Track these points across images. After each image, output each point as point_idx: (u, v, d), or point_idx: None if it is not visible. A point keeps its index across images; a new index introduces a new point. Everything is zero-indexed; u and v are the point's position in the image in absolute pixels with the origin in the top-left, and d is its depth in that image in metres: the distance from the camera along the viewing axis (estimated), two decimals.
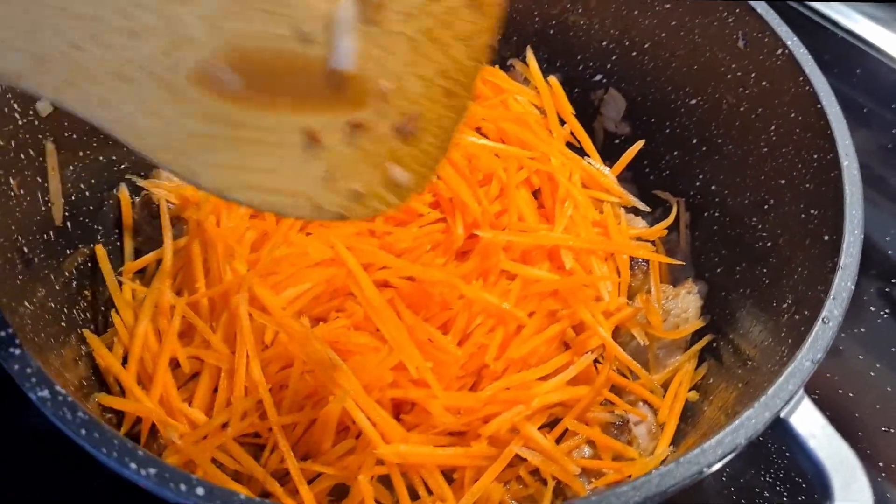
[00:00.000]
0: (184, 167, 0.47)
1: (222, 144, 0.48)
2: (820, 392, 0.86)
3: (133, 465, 0.50)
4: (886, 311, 0.96)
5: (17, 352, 0.54)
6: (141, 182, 0.86)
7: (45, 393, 0.53)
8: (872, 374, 0.91)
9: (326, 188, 0.51)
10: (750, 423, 0.56)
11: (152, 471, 0.50)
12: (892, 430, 0.87)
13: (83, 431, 0.51)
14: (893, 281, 0.99)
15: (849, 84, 1.14)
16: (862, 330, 0.94)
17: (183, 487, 0.49)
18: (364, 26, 0.49)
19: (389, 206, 0.54)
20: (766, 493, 0.82)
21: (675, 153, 0.95)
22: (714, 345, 0.83)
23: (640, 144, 0.95)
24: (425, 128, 0.54)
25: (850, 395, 0.89)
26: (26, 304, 0.64)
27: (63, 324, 0.71)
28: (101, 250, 0.80)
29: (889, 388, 0.90)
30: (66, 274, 0.75)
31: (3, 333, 0.55)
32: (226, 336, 0.74)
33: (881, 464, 0.84)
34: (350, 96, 0.51)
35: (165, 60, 0.45)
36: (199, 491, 0.49)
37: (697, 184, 0.92)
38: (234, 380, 0.71)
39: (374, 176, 0.53)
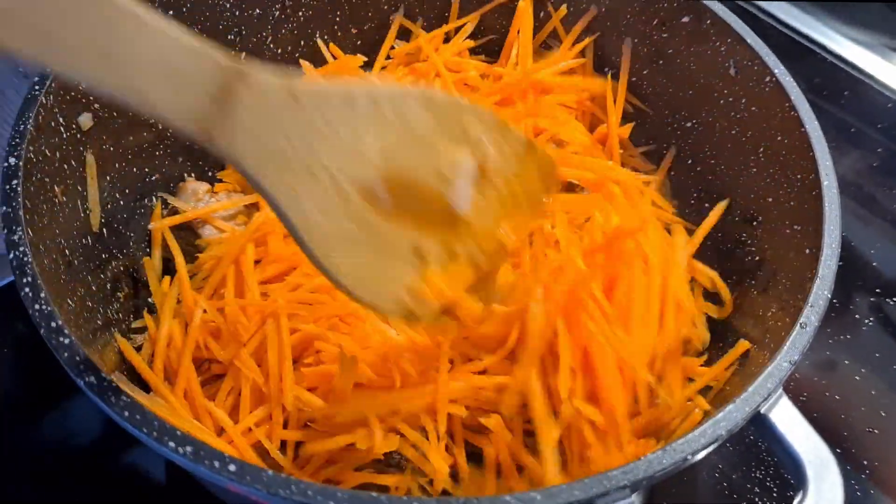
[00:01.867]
0: (331, 263, 0.59)
1: (360, 248, 0.60)
2: (808, 395, 0.92)
3: (171, 444, 0.55)
4: (871, 319, 1.01)
5: (67, 341, 0.60)
6: (170, 199, 0.92)
7: (92, 379, 0.58)
8: (858, 378, 0.96)
9: (412, 298, 0.64)
10: (731, 416, 0.61)
11: (189, 449, 0.55)
12: (876, 431, 0.92)
13: (126, 413, 0.57)
14: (879, 291, 1.05)
15: (837, 106, 1.20)
16: (848, 337, 0.99)
17: (216, 464, 0.55)
18: (480, 182, 0.64)
19: (446, 329, 0.71)
20: (757, 489, 0.87)
21: (673, 173, 1.01)
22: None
23: (672, 152, 1.01)
24: (494, 272, 0.69)
25: (837, 397, 0.94)
26: (69, 301, 0.70)
27: (99, 321, 0.77)
28: (148, 262, 0.87)
29: (873, 392, 0.95)
30: (101, 277, 0.80)
31: (53, 324, 0.61)
32: (255, 350, 0.79)
33: (865, 462, 0.89)
34: (454, 230, 0.64)
35: (343, 167, 0.57)
36: (232, 467, 0.54)
37: (692, 202, 0.98)
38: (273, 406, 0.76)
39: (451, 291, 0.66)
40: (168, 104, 0.47)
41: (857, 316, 1.02)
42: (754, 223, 0.87)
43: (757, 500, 0.87)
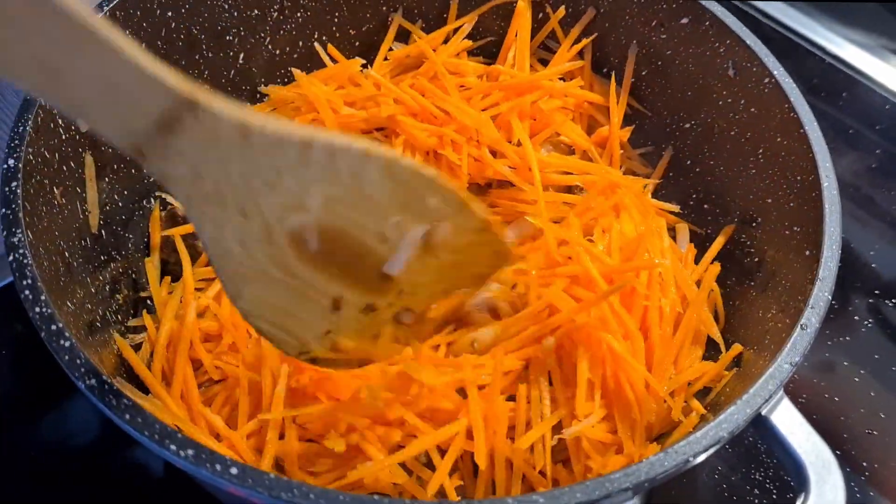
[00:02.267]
0: (234, 287, 0.57)
1: (273, 285, 0.58)
2: (807, 397, 0.93)
3: (173, 447, 0.55)
4: (870, 320, 1.02)
5: (67, 344, 0.60)
6: (170, 199, 0.92)
7: (93, 381, 0.58)
8: (857, 379, 0.97)
9: (320, 342, 0.64)
10: (733, 418, 0.61)
11: (190, 452, 0.55)
12: (875, 433, 0.92)
13: (127, 416, 0.57)
14: (877, 292, 1.05)
15: (836, 107, 1.20)
16: (847, 338, 0.99)
17: (218, 467, 0.55)
18: (421, 250, 0.62)
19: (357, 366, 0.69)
20: (756, 491, 0.88)
21: (671, 174, 1.01)
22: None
23: (669, 152, 1.01)
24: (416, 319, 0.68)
25: (836, 399, 0.94)
26: (68, 303, 0.70)
27: (98, 323, 0.77)
28: (149, 263, 0.88)
29: (873, 393, 0.95)
30: (100, 278, 0.80)
31: (53, 327, 0.60)
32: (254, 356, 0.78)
33: (864, 464, 0.90)
34: (380, 288, 0.63)
35: (279, 213, 0.54)
36: (233, 470, 0.54)
37: (691, 203, 0.98)
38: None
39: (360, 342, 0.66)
40: (107, 123, 0.46)
41: (856, 318, 1.02)
42: (753, 224, 0.87)
43: (757, 501, 0.87)
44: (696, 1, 0.91)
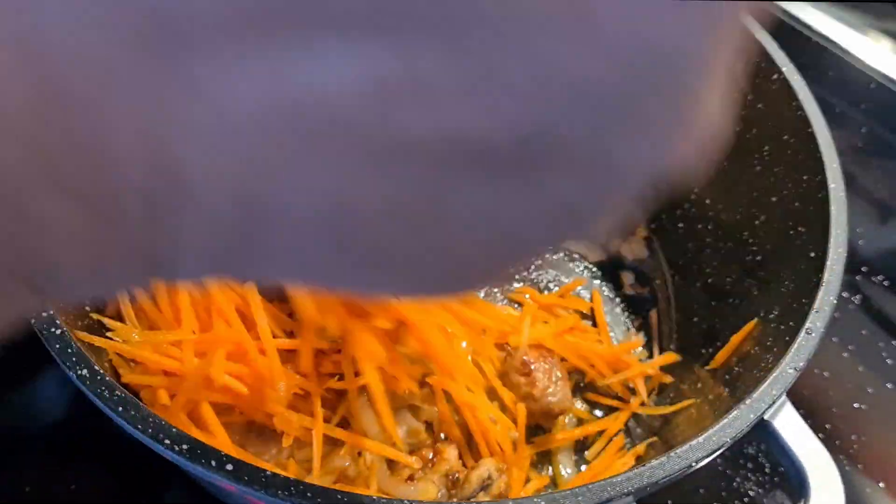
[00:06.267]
0: None
1: None
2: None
3: (167, 441, 0.54)
4: (857, 297, 1.03)
5: (59, 332, 0.58)
6: None
7: (85, 372, 0.57)
8: (845, 355, 0.97)
9: None
10: (736, 423, 0.60)
11: (185, 447, 0.54)
12: (864, 407, 0.92)
13: (120, 409, 0.55)
14: (864, 269, 1.06)
15: (822, 86, 1.19)
16: (836, 315, 0.99)
17: (213, 463, 0.53)
18: None
19: None
20: (752, 493, 0.87)
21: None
22: (702, 350, 0.87)
23: None
24: None
25: (825, 374, 0.94)
26: None
27: (87, 307, 0.75)
28: None
29: (861, 369, 0.96)
30: None
31: (45, 314, 0.59)
32: None
33: (853, 437, 0.90)
34: None
35: None
36: (229, 467, 0.53)
37: (693, 197, 0.97)
38: None
39: None
40: None
41: (844, 294, 1.02)
42: (756, 223, 0.86)
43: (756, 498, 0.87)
44: None
